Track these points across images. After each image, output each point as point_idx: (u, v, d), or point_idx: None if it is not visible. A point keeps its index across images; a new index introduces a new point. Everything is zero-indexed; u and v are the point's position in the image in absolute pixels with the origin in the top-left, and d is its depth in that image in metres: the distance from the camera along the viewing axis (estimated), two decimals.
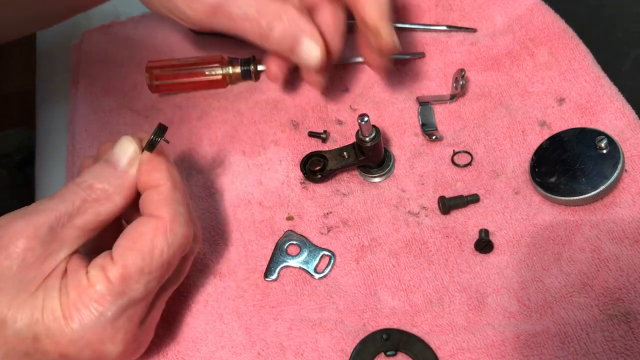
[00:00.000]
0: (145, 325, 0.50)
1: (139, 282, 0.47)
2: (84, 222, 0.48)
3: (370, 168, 0.63)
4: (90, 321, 0.45)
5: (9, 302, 0.45)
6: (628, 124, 0.61)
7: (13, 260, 0.45)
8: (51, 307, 0.45)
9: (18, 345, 0.45)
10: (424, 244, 0.59)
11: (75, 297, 0.46)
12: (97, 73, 0.76)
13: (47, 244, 0.46)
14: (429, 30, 0.73)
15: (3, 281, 0.45)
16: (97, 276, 0.46)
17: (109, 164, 0.51)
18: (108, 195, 0.49)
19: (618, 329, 0.50)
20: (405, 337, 0.53)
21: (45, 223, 0.46)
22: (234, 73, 0.72)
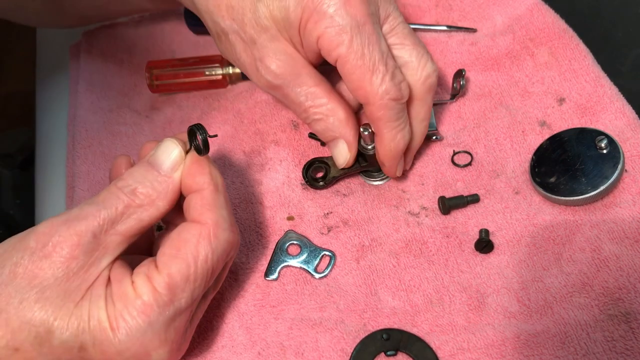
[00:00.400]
0: (187, 334, 0.50)
1: (185, 291, 0.47)
2: (127, 228, 0.47)
3: (372, 172, 0.63)
4: (138, 332, 0.45)
5: (54, 312, 0.44)
6: (628, 124, 0.61)
7: (57, 269, 0.45)
8: (97, 317, 0.45)
9: (64, 355, 0.45)
10: (424, 244, 0.59)
11: (122, 307, 0.45)
12: (97, 73, 0.76)
13: (90, 252, 0.46)
14: (429, 30, 0.73)
15: (48, 290, 0.45)
16: (143, 286, 0.46)
17: (152, 166, 0.50)
18: (151, 200, 0.48)
19: (618, 329, 0.50)
20: (406, 337, 0.53)
21: (88, 231, 0.46)
22: (234, 73, 0.72)
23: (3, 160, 0.96)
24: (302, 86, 0.58)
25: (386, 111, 0.56)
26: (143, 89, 0.74)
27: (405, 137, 0.58)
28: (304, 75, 0.58)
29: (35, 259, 0.45)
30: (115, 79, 0.75)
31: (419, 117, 0.59)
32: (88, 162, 0.68)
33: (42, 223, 0.46)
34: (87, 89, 0.74)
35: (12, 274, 0.45)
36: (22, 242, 0.46)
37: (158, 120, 0.72)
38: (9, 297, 0.44)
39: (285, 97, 0.59)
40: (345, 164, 0.61)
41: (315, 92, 0.58)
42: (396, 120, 0.56)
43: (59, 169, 0.72)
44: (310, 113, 0.59)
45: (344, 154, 0.60)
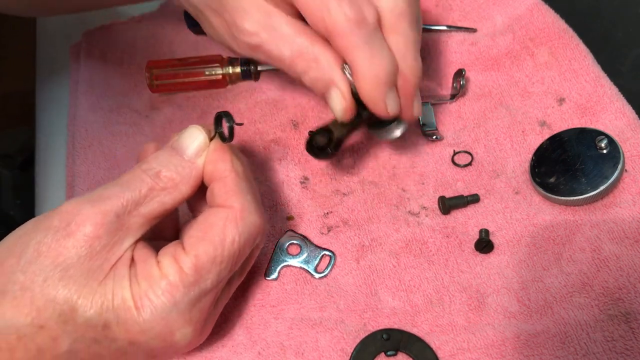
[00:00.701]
0: (211, 318, 0.51)
1: (211, 272, 0.47)
2: (150, 210, 0.48)
3: (382, 123, 0.59)
4: (162, 311, 0.46)
5: (78, 290, 0.45)
6: (628, 124, 0.61)
7: (80, 247, 0.45)
8: (121, 296, 0.45)
9: (87, 332, 0.45)
10: (424, 244, 0.59)
11: (147, 287, 0.46)
12: (97, 73, 0.76)
13: (113, 232, 0.46)
14: (429, 30, 0.73)
15: (71, 269, 0.45)
16: (170, 266, 0.46)
17: (176, 151, 0.50)
18: (175, 184, 0.49)
19: (618, 329, 0.50)
20: (406, 337, 0.53)
21: (112, 210, 0.46)
22: (234, 73, 0.72)
23: (3, 160, 0.95)
24: (282, 38, 0.55)
25: (351, 38, 0.52)
26: (143, 89, 0.74)
27: (384, 65, 0.53)
28: (281, 25, 0.55)
29: (58, 238, 0.45)
30: (115, 79, 0.75)
31: (399, 52, 0.54)
32: (88, 161, 0.68)
33: (66, 203, 0.47)
34: (87, 89, 0.74)
35: (36, 252, 0.45)
36: (46, 221, 0.46)
37: (158, 120, 0.72)
38: (33, 275, 0.45)
39: (269, 55, 0.55)
40: (345, 113, 0.55)
41: (296, 41, 0.54)
42: (366, 45, 0.52)
43: (59, 169, 0.72)
44: (295, 66, 0.55)
45: (340, 100, 0.55)
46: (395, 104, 0.56)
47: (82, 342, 0.46)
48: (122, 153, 0.69)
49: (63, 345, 0.45)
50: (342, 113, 0.55)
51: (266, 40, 0.55)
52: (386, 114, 0.55)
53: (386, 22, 0.54)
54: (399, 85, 0.56)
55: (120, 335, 0.46)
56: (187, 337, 0.48)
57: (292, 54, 0.55)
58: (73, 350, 0.46)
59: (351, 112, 0.56)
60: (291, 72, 0.56)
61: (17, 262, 0.45)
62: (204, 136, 0.51)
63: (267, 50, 0.55)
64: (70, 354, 0.46)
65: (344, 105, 0.55)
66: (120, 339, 0.46)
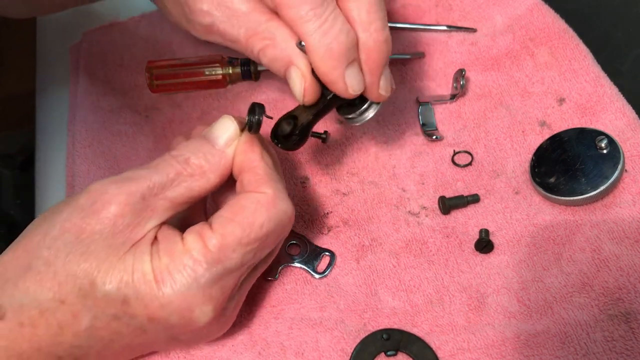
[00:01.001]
0: (233, 303, 0.50)
1: (236, 252, 0.47)
2: (176, 195, 0.48)
3: (353, 106, 0.54)
4: (183, 286, 0.45)
5: (98, 265, 0.45)
6: (628, 124, 0.61)
7: (104, 225, 0.45)
8: (142, 271, 0.45)
9: (107, 308, 0.45)
10: (424, 244, 0.59)
11: (169, 261, 0.46)
12: (97, 73, 0.76)
13: (138, 212, 0.46)
14: (429, 30, 0.73)
15: (93, 245, 0.45)
16: (195, 242, 0.46)
17: (207, 140, 0.50)
18: (203, 171, 0.49)
19: (618, 329, 0.50)
20: (406, 337, 0.53)
21: (137, 191, 0.46)
22: (234, 73, 0.72)
23: (3, 160, 0.95)
24: (235, 16, 0.52)
25: (297, 9, 0.48)
26: (143, 89, 0.74)
27: (339, 37, 0.48)
28: (233, 2, 0.52)
29: (83, 215, 0.46)
30: (115, 79, 0.75)
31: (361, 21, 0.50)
32: (88, 161, 0.68)
33: (93, 183, 0.47)
34: (87, 89, 0.74)
35: (61, 229, 0.46)
36: (73, 200, 0.47)
37: (158, 120, 0.72)
38: (57, 251, 0.45)
39: (223, 35, 0.53)
40: (305, 94, 0.51)
41: (250, 18, 0.52)
42: (316, 18, 0.48)
43: (59, 169, 0.72)
44: (252, 45, 0.52)
45: (299, 80, 0.51)
46: (358, 82, 0.51)
47: (102, 319, 0.46)
48: (122, 153, 0.69)
49: (83, 321, 0.45)
50: (302, 94, 0.52)
51: (219, 19, 0.53)
52: (347, 94, 0.51)
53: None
54: (363, 60, 0.51)
55: (139, 311, 0.46)
56: (206, 315, 0.47)
57: (246, 32, 0.52)
58: (93, 327, 0.46)
59: (313, 93, 0.52)
60: (248, 53, 0.54)
61: (42, 239, 0.46)
62: (235, 127, 0.50)
63: (222, 30, 0.53)
64: (90, 331, 0.46)
65: (304, 85, 0.51)
66: (140, 315, 0.46)
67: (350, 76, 0.51)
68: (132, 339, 0.48)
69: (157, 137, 0.70)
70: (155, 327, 0.47)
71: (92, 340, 0.46)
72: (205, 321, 0.47)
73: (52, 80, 0.80)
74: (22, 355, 0.46)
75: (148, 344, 0.49)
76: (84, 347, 0.47)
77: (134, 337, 0.48)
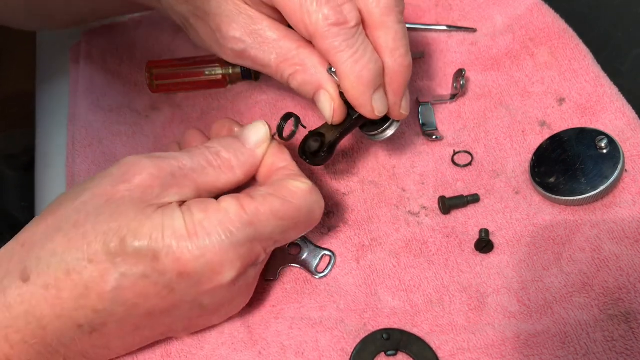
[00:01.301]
0: (253, 273, 0.51)
1: (269, 222, 0.48)
2: (203, 181, 0.50)
3: (375, 124, 0.58)
4: (217, 240, 0.46)
5: (127, 223, 0.46)
6: (628, 124, 0.61)
7: (133, 192, 0.47)
8: (172, 227, 0.46)
9: (136, 265, 0.46)
10: (424, 244, 0.59)
11: (203, 217, 0.47)
12: (97, 73, 0.76)
13: (165, 187, 0.48)
14: (429, 30, 0.73)
15: (123, 206, 0.46)
16: (231, 204, 0.48)
17: (238, 139, 0.53)
18: (231, 166, 0.51)
19: (618, 329, 0.50)
20: (406, 337, 0.53)
21: (168, 168, 0.48)
22: (234, 73, 0.72)
23: (8, 161, 0.95)
24: (267, 43, 0.55)
25: (331, 40, 0.51)
26: (143, 89, 0.74)
27: (368, 66, 0.52)
28: (265, 30, 0.55)
29: (114, 183, 0.48)
30: (115, 79, 0.75)
31: (387, 48, 0.53)
32: (88, 161, 0.68)
33: (127, 157, 0.49)
34: (87, 89, 0.74)
35: (91, 194, 0.47)
36: (106, 170, 0.49)
37: (158, 120, 0.72)
38: (87, 214, 0.46)
39: (254, 61, 0.57)
40: (333, 114, 0.55)
41: (281, 45, 0.55)
42: (348, 47, 0.51)
43: (59, 169, 0.72)
44: (282, 70, 0.56)
45: (329, 103, 0.55)
46: (383, 104, 0.55)
47: (129, 278, 0.46)
48: (122, 153, 0.69)
49: (110, 281, 0.46)
50: (332, 115, 0.55)
51: (251, 45, 0.56)
52: (373, 116, 0.55)
53: (372, 18, 0.53)
54: (388, 83, 0.55)
55: (169, 266, 0.46)
56: (232, 275, 0.48)
57: (277, 58, 0.55)
58: (119, 287, 0.46)
59: (341, 114, 0.55)
60: (278, 77, 0.57)
61: (72, 204, 0.47)
62: (266, 130, 0.54)
63: (253, 55, 0.56)
64: (115, 292, 0.46)
65: (333, 107, 0.55)
66: (169, 270, 0.46)
67: (377, 100, 0.54)
68: (157, 303, 0.48)
69: (157, 137, 0.70)
70: (184, 285, 0.47)
71: (115, 304, 0.46)
72: (229, 279, 0.48)
73: (52, 81, 0.80)
74: (41, 320, 0.46)
75: (170, 312, 0.49)
76: (105, 312, 0.47)
77: (159, 300, 0.47)
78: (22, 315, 0.46)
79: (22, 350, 0.46)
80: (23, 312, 0.46)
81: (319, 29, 0.51)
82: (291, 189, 0.50)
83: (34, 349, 0.47)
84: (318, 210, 0.52)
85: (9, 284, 0.46)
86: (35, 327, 0.46)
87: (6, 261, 0.47)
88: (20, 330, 0.46)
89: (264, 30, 0.55)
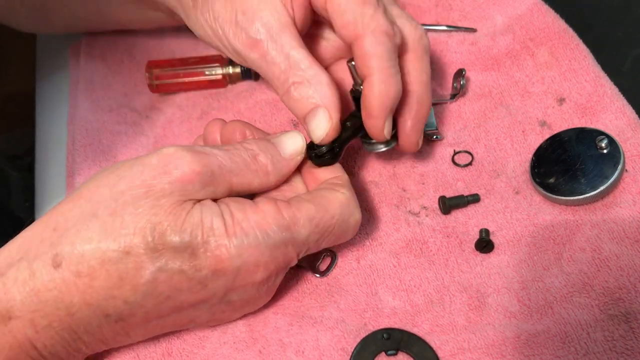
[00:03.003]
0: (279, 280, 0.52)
1: (305, 228, 0.49)
2: (237, 182, 0.51)
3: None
4: (254, 240, 0.47)
5: (167, 217, 0.46)
6: (628, 124, 0.61)
7: (174, 185, 0.47)
8: (211, 224, 0.47)
9: (173, 260, 0.46)
10: (424, 244, 0.59)
11: (242, 218, 0.48)
12: (97, 73, 0.76)
13: (204, 184, 0.48)
14: (429, 30, 0.73)
15: (163, 199, 0.47)
16: (269, 207, 0.49)
17: (275, 146, 0.54)
18: (267, 172, 0.52)
19: (619, 329, 0.50)
20: (406, 336, 0.53)
21: (210, 165, 0.49)
22: (234, 73, 0.72)
23: (12, 162, 0.94)
24: (284, 45, 0.54)
25: (378, 46, 0.52)
26: (143, 89, 0.74)
27: (397, 85, 0.53)
28: (287, 33, 0.55)
29: (154, 174, 0.47)
30: (115, 79, 0.75)
31: (417, 76, 0.56)
32: (88, 161, 0.68)
33: (167, 147, 0.49)
34: (87, 89, 0.74)
35: (130, 184, 0.47)
36: (145, 158, 0.48)
37: (158, 120, 0.72)
38: (125, 204, 0.46)
39: (263, 56, 0.55)
40: (327, 134, 0.54)
41: (297, 53, 0.54)
42: (388, 60, 0.53)
43: (59, 169, 0.72)
44: (289, 75, 0.54)
45: (324, 123, 0.54)
46: (390, 130, 0.55)
47: (165, 272, 0.46)
48: (122, 153, 0.69)
49: (145, 274, 0.46)
50: (322, 136, 0.54)
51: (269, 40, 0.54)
52: (382, 137, 0.56)
53: (412, 48, 0.56)
54: (415, 110, 0.57)
55: (205, 263, 0.47)
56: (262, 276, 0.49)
57: (288, 62, 0.54)
58: (154, 280, 0.46)
59: (333, 135, 0.55)
60: (279, 82, 0.55)
61: (109, 191, 0.47)
62: (303, 143, 0.54)
63: (265, 50, 0.55)
64: (149, 285, 0.46)
65: (327, 128, 0.54)
66: (205, 267, 0.47)
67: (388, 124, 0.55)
68: (188, 297, 0.48)
69: (157, 137, 0.70)
70: (218, 281, 0.48)
71: (148, 296, 0.47)
72: (260, 279, 0.49)
73: (52, 80, 0.80)
74: (70, 307, 0.46)
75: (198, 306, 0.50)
76: (136, 304, 0.47)
77: (190, 295, 0.48)
78: (52, 300, 0.45)
79: (47, 336, 0.46)
80: (52, 298, 0.45)
81: (369, 31, 0.52)
82: (328, 198, 0.51)
83: (58, 334, 0.47)
84: (352, 222, 0.53)
85: (38, 268, 0.46)
86: (64, 314, 0.46)
87: (36, 243, 0.47)
88: (47, 316, 0.46)
89: (287, 33, 0.55)
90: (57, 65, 0.81)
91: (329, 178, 0.54)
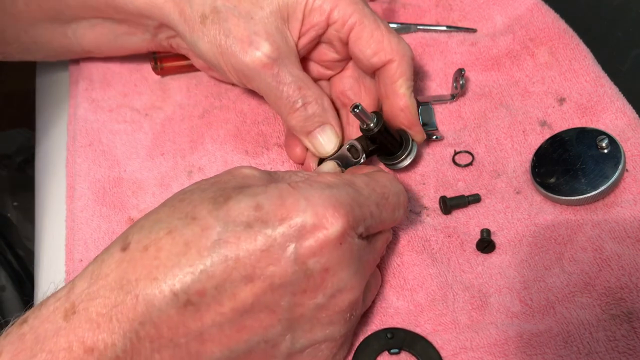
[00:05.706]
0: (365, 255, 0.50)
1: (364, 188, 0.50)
2: None
3: (393, 153, 0.62)
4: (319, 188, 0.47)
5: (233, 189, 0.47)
6: (629, 124, 0.61)
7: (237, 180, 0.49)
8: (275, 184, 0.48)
9: (239, 216, 0.45)
10: (426, 242, 0.59)
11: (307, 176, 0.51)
12: (97, 73, 0.76)
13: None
14: (429, 30, 0.73)
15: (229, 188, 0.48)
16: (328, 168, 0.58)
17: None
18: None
19: (620, 329, 0.51)
20: (409, 335, 0.53)
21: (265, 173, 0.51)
22: None
23: (1, 161, 0.94)
24: (293, 67, 0.60)
25: (408, 68, 0.60)
26: (143, 88, 0.74)
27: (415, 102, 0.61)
28: (293, 56, 0.61)
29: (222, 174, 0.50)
30: (115, 79, 0.75)
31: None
32: (88, 161, 0.68)
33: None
34: (87, 89, 0.74)
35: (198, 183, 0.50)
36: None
37: (158, 118, 0.72)
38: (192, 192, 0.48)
39: (276, 76, 0.59)
40: (334, 149, 0.61)
41: (303, 75, 0.61)
42: (411, 79, 0.60)
43: (59, 169, 0.72)
44: (299, 95, 0.60)
45: (334, 137, 0.61)
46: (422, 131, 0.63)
47: (232, 229, 0.44)
48: (122, 152, 0.69)
49: (212, 235, 0.44)
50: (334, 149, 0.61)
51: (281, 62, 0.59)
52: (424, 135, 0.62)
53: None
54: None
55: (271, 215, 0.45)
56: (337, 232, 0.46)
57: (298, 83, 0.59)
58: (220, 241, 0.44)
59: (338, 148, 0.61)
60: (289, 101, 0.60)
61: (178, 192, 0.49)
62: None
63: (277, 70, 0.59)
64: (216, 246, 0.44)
65: (337, 142, 0.61)
66: (271, 220, 0.45)
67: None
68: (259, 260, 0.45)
69: (157, 136, 0.70)
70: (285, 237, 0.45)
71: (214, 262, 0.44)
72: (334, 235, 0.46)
73: (52, 80, 0.80)
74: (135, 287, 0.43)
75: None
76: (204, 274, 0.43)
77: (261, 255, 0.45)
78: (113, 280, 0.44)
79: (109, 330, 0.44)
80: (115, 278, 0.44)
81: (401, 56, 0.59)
82: (380, 173, 0.54)
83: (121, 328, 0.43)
84: (402, 197, 0.53)
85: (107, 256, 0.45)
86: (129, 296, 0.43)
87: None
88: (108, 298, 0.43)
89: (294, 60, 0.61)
90: (57, 65, 0.81)
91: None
